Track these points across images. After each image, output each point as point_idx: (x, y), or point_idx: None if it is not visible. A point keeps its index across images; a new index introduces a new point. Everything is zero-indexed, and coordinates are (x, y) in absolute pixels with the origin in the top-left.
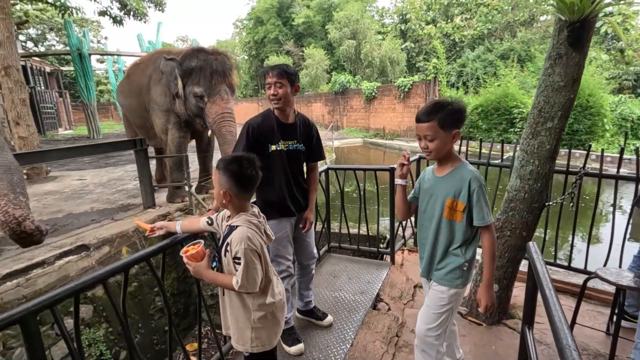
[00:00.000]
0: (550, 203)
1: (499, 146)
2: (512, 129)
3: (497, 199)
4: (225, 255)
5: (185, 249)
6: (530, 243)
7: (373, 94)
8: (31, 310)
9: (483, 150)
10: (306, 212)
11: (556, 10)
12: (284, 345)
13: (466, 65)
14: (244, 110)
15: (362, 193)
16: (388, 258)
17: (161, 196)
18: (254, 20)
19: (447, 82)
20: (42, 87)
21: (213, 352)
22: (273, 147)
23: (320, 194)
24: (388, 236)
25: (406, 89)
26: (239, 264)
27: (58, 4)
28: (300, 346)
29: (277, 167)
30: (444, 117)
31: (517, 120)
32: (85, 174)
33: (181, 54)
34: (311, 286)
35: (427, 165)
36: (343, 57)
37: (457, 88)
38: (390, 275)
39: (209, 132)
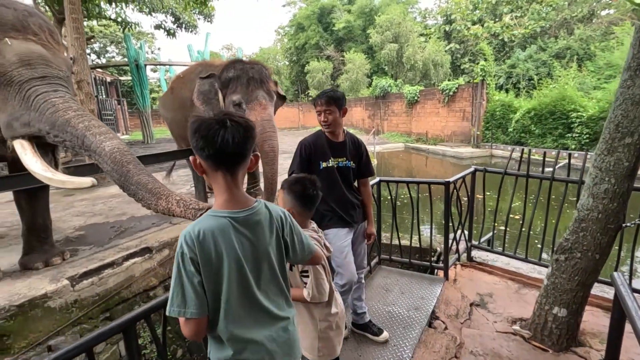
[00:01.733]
0: (628, 224)
1: (551, 152)
2: (569, 135)
3: (562, 217)
4: (291, 269)
5: None
6: (616, 274)
7: (415, 98)
8: (132, 319)
9: (536, 157)
10: (368, 228)
11: (638, 18)
12: (371, 337)
13: (516, 65)
14: (285, 115)
15: (414, 207)
16: (440, 273)
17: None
18: (295, 27)
19: (496, 84)
20: (104, 96)
21: None
22: (324, 164)
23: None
24: (439, 249)
25: (451, 93)
26: (307, 276)
27: (120, 19)
28: (386, 333)
29: (329, 182)
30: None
31: (576, 125)
32: None
33: (220, 66)
34: (363, 297)
35: (484, 180)
36: (384, 61)
37: (507, 90)
38: (444, 292)
39: None
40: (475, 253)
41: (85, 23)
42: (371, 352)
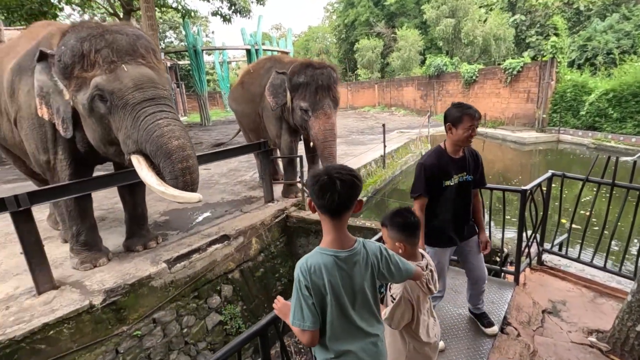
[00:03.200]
0: None
1: (621, 138)
2: None
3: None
4: (389, 289)
5: None
6: None
7: (474, 77)
8: (264, 325)
9: (612, 144)
10: (481, 236)
11: None
12: (482, 327)
13: (593, 38)
14: None
15: (486, 213)
16: (508, 276)
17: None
18: (345, 3)
19: (568, 60)
20: None
21: None
22: (447, 183)
23: None
24: (506, 250)
25: (515, 72)
26: (393, 302)
27: (179, 7)
28: (495, 328)
29: (447, 200)
30: None
31: None
32: (209, 164)
33: (291, 64)
34: (483, 298)
35: (562, 186)
36: (439, 37)
37: (580, 67)
38: (515, 297)
39: (311, 143)
40: (545, 256)
41: None
42: (447, 354)
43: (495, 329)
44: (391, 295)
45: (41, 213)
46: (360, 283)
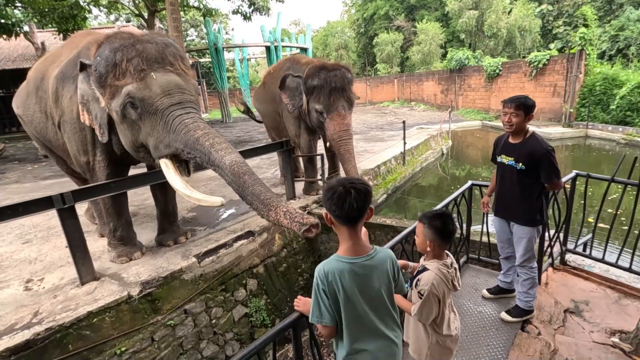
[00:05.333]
0: None
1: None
2: None
3: None
4: (414, 286)
5: None
6: None
7: (497, 71)
8: (297, 318)
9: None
10: None
11: None
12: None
13: (625, 27)
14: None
15: None
16: None
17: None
18: None
19: (599, 50)
20: None
21: None
22: (499, 158)
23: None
24: None
25: (540, 65)
26: (421, 298)
27: (201, 7)
28: (508, 317)
29: (499, 173)
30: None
31: None
32: None
33: (307, 65)
34: (523, 289)
35: (586, 187)
36: (461, 30)
37: (610, 58)
38: (537, 297)
39: (328, 145)
40: (569, 256)
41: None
42: (466, 349)
43: (508, 317)
44: (419, 292)
45: (79, 208)
46: (378, 288)
